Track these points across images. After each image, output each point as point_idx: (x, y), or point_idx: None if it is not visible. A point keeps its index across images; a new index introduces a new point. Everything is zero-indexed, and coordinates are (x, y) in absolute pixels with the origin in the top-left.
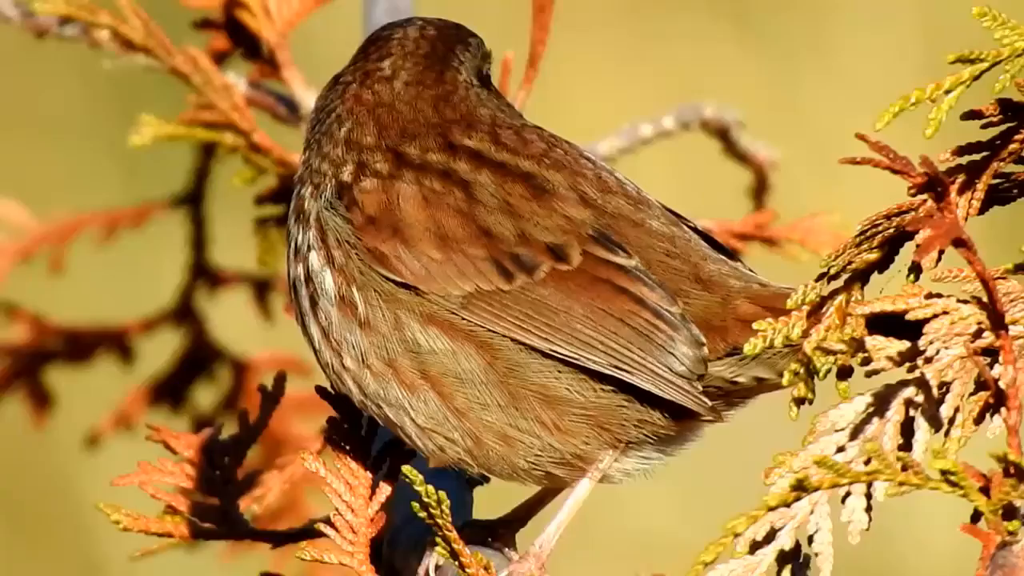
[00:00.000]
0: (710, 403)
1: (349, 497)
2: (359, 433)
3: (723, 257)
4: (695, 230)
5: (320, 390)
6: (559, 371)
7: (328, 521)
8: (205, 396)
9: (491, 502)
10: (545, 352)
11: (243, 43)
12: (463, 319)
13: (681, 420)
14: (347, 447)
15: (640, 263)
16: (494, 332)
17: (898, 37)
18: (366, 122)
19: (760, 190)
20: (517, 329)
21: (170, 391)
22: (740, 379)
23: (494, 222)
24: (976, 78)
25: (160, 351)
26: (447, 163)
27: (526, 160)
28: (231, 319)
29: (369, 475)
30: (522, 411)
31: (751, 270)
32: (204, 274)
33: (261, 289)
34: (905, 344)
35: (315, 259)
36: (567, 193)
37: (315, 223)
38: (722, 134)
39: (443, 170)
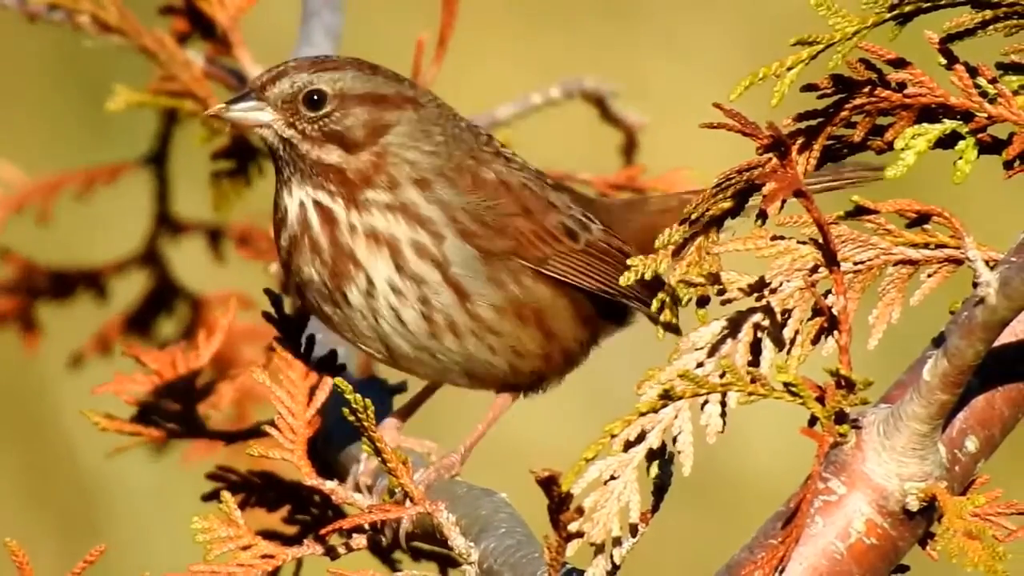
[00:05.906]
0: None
1: (290, 403)
2: (299, 350)
3: None
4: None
5: (266, 315)
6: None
7: (272, 423)
8: (168, 327)
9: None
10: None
11: (201, 26)
12: None
13: None
14: (288, 361)
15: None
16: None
17: (728, 28)
18: None
19: (630, 149)
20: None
21: (139, 323)
22: None
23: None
24: (813, 58)
25: (130, 289)
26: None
27: None
28: (189, 262)
29: (306, 386)
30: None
31: None
32: (167, 223)
33: (215, 236)
34: (754, 278)
35: None
36: None
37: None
38: (599, 102)
39: None
